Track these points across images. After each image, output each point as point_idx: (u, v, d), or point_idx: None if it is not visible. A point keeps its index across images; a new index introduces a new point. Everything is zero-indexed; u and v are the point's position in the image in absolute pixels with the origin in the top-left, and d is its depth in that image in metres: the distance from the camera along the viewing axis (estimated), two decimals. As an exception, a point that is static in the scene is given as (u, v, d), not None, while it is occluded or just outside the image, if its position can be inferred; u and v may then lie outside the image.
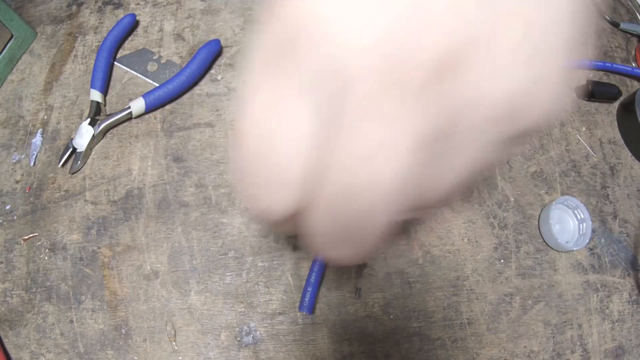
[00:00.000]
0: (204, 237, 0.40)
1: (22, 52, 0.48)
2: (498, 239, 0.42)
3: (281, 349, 0.37)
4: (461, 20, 0.12)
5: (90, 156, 0.43)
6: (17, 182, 0.42)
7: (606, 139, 0.48)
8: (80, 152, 0.42)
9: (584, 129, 0.48)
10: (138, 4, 0.50)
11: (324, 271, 0.39)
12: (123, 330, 0.37)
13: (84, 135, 0.42)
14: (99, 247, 0.40)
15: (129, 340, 0.37)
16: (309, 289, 0.37)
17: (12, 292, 0.39)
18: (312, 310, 0.37)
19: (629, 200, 0.46)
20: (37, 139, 0.43)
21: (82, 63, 0.47)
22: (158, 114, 0.45)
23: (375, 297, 0.39)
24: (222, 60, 0.47)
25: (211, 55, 0.45)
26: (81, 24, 0.49)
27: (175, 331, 0.38)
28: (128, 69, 0.46)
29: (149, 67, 0.46)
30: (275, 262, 0.40)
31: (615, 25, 0.55)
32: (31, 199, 0.41)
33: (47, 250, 0.40)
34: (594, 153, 0.47)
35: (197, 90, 0.46)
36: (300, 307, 0.37)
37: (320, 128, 0.13)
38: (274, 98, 0.13)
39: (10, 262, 0.39)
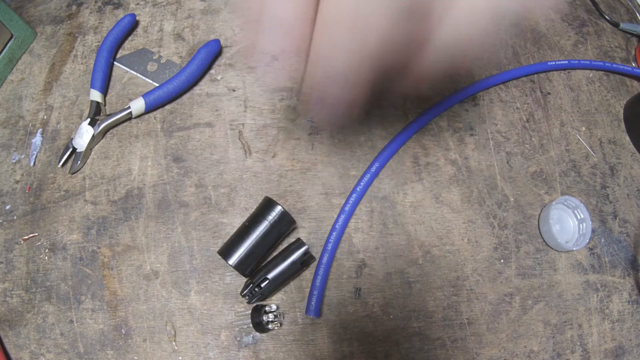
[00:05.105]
0: (204, 237, 0.40)
1: (22, 52, 0.48)
2: (498, 239, 0.42)
3: (281, 349, 0.37)
4: None
5: (90, 156, 0.43)
6: (17, 182, 0.42)
7: (606, 139, 0.48)
8: (80, 152, 0.42)
9: (583, 128, 0.48)
10: (138, 4, 0.50)
11: (328, 274, 0.39)
12: (123, 330, 0.37)
13: (84, 135, 0.42)
14: (99, 247, 0.40)
15: (129, 340, 0.37)
16: (315, 292, 0.37)
17: (12, 292, 0.39)
18: (318, 313, 0.37)
19: (629, 200, 0.46)
20: (37, 139, 0.43)
21: (82, 63, 0.47)
22: (158, 114, 0.45)
23: (375, 297, 0.39)
24: (222, 60, 0.47)
25: (211, 55, 0.45)
26: (81, 24, 0.49)
27: (175, 331, 0.38)
28: (128, 69, 0.46)
29: (148, 67, 0.46)
30: (275, 262, 0.40)
31: (615, 25, 0.55)
32: (31, 199, 0.41)
33: (47, 250, 0.40)
34: (594, 153, 0.47)
35: (197, 90, 0.46)
36: (307, 311, 0.37)
37: None
38: None
39: (10, 262, 0.39)
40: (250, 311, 0.37)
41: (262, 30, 0.18)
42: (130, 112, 0.43)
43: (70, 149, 0.42)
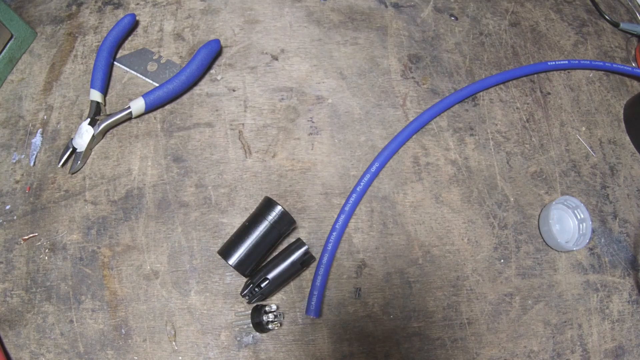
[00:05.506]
0: (204, 237, 0.40)
1: (22, 52, 0.48)
2: (498, 239, 0.42)
3: (281, 349, 0.37)
4: None
5: (90, 156, 0.43)
6: (17, 182, 0.42)
7: (606, 139, 0.48)
8: (80, 152, 0.42)
9: (583, 128, 0.48)
10: (138, 4, 0.50)
11: (328, 274, 0.39)
12: (123, 330, 0.37)
13: (84, 135, 0.42)
14: (99, 247, 0.40)
15: (129, 340, 0.37)
16: (315, 292, 0.37)
17: (12, 292, 0.39)
18: (319, 313, 0.37)
19: (629, 200, 0.46)
20: (37, 139, 0.43)
21: (82, 63, 0.47)
22: (158, 114, 0.45)
23: (375, 297, 0.39)
24: (222, 60, 0.47)
25: (211, 55, 0.45)
26: (81, 24, 0.49)
27: (175, 331, 0.38)
28: (128, 69, 0.46)
29: (148, 67, 0.46)
30: (275, 262, 0.40)
31: (615, 25, 0.55)
32: (31, 199, 0.41)
33: (47, 250, 0.40)
34: (594, 153, 0.47)
35: (197, 90, 0.46)
36: (307, 311, 0.37)
37: None
38: None
39: (10, 262, 0.39)
40: (250, 311, 0.37)
41: None
42: (130, 112, 0.43)
43: (70, 149, 0.42)
